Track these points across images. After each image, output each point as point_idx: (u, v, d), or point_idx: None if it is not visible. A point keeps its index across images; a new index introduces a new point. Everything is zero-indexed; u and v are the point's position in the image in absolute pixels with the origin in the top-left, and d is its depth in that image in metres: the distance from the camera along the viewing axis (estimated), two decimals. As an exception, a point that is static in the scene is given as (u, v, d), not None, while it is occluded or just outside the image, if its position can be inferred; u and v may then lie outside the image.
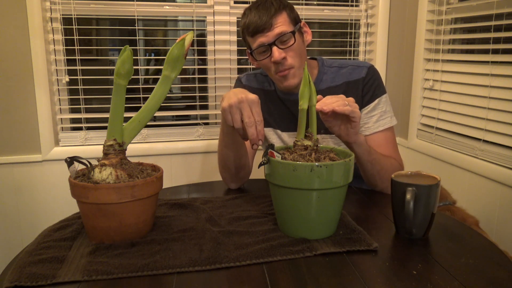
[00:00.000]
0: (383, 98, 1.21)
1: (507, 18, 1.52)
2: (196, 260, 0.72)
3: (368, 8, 2.04)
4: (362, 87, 1.21)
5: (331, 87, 1.23)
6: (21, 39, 1.66)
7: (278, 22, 1.12)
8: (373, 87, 1.21)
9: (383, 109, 1.20)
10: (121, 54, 0.76)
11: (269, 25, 1.12)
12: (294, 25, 1.16)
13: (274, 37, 1.12)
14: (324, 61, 1.28)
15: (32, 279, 0.67)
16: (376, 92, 1.21)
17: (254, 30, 1.13)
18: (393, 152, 1.19)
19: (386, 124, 1.19)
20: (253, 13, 1.14)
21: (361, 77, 1.21)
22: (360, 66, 1.24)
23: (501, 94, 1.53)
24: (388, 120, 1.20)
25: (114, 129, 0.80)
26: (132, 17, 1.80)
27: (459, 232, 0.88)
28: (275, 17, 1.12)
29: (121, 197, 0.76)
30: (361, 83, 1.21)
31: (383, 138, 1.19)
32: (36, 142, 1.74)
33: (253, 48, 1.16)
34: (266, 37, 1.13)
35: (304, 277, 0.69)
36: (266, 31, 1.12)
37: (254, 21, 1.13)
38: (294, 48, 1.14)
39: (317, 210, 0.79)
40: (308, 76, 0.82)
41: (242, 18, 1.18)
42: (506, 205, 1.49)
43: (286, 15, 1.14)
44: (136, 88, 1.84)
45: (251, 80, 1.32)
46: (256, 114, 0.90)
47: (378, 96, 1.21)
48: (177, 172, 1.90)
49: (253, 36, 1.15)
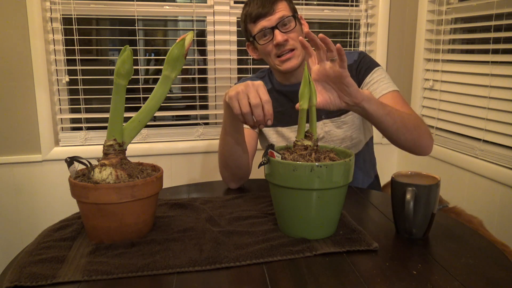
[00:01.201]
0: (378, 69, 1.22)
1: (507, 18, 1.52)
2: (196, 260, 0.72)
3: (368, 8, 2.03)
4: (356, 68, 1.24)
5: None
6: (21, 39, 1.66)
7: (279, 8, 1.19)
8: (365, 65, 1.23)
9: (382, 76, 1.21)
10: (121, 54, 0.76)
11: (271, 10, 1.18)
12: (294, 13, 1.23)
13: (276, 21, 1.18)
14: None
15: (32, 279, 0.67)
16: (370, 66, 1.23)
17: (256, 16, 1.19)
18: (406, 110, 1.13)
19: (389, 87, 1.18)
20: (255, 1, 1.20)
21: (354, 60, 1.25)
22: (352, 52, 1.28)
23: (501, 94, 1.53)
24: (391, 84, 1.19)
25: (114, 129, 0.80)
26: (132, 17, 1.80)
27: (459, 232, 0.88)
28: (276, 3, 1.19)
29: (121, 197, 0.76)
30: (354, 66, 1.24)
31: (390, 99, 1.15)
32: (36, 142, 1.74)
33: (255, 32, 1.21)
34: (268, 21, 1.18)
35: (304, 277, 0.69)
36: (268, 16, 1.18)
37: (256, 8, 1.19)
38: (295, 31, 1.20)
39: (317, 210, 0.79)
40: (308, 76, 0.82)
41: (244, 8, 1.24)
42: (506, 205, 1.49)
43: (286, 3, 1.21)
44: (136, 88, 1.84)
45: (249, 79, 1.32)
46: (262, 94, 0.91)
47: (373, 68, 1.22)
48: (177, 172, 1.90)
49: (255, 22, 1.20)
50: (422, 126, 1.09)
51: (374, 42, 2.04)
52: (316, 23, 2.05)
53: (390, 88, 1.18)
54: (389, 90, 1.18)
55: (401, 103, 1.16)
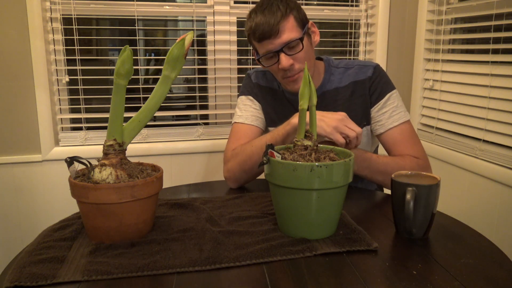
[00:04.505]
0: (393, 93, 1.20)
1: (507, 18, 1.52)
2: (196, 260, 0.72)
3: (368, 8, 2.03)
4: (369, 86, 1.20)
5: (339, 88, 1.22)
6: (21, 39, 1.66)
7: (285, 28, 1.09)
8: (380, 85, 1.20)
9: (394, 104, 1.18)
10: (121, 54, 0.76)
11: (275, 31, 1.09)
12: (302, 28, 1.13)
13: (281, 45, 1.10)
14: (330, 61, 1.27)
15: (32, 279, 0.67)
16: (384, 89, 1.19)
17: (260, 37, 1.10)
18: (411, 148, 1.15)
19: (401, 118, 1.17)
20: (258, 17, 1.10)
21: (368, 77, 1.20)
22: (367, 65, 1.23)
23: (501, 94, 1.53)
24: (402, 114, 1.17)
25: (114, 129, 0.80)
26: (132, 17, 1.80)
27: (459, 232, 0.88)
28: (281, 22, 1.09)
29: (121, 197, 0.76)
30: (367, 82, 1.20)
31: (399, 134, 1.16)
32: (36, 142, 1.74)
33: (260, 54, 1.15)
34: (273, 44, 1.10)
35: (304, 277, 0.69)
36: (273, 38, 1.10)
37: (260, 26, 1.09)
38: (302, 54, 1.12)
39: (317, 210, 0.79)
40: (308, 76, 0.82)
41: (247, 21, 1.14)
42: (506, 205, 1.49)
43: (293, 18, 1.11)
44: (136, 88, 1.84)
45: (260, 78, 1.31)
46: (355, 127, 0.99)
47: (387, 93, 1.19)
48: (177, 172, 1.90)
49: (259, 42, 1.13)
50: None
51: (374, 42, 2.04)
52: (316, 23, 2.04)
53: (401, 120, 1.17)
54: (399, 122, 1.16)
55: (409, 141, 1.16)
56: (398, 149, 1.15)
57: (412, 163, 1.11)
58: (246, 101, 1.29)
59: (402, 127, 1.16)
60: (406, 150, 1.14)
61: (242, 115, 1.27)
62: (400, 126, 1.16)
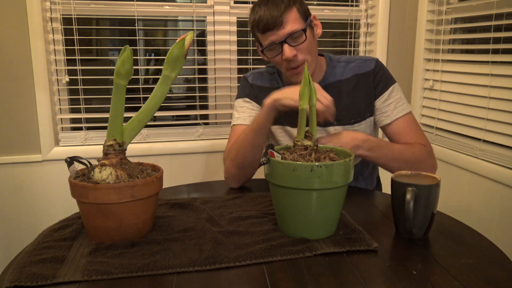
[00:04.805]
0: (395, 86, 1.24)
1: (507, 18, 1.52)
2: (196, 260, 0.72)
3: (368, 8, 2.03)
4: (373, 78, 1.23)
5: (341, 80, 1.24)
6: (21, 39, 1.66)
7: (288, 20, 1.11)
8: (384, 77, 1.23)
9: (398, 96, 1.22)
10: (121, 54, 0.76)
11: (279, 23, 1.11)
12: (305, 20, 1.15)
13: (284, 36, 1.12)
14: (331, 56, 1.30)
15: (32, 279, 0.67)
16: (387, 81, 1.23)
17: (264, 28, 1.13)
18: (417, 137, 1.20)
19: (404, 109, 1.21)
20: (262, 9, 1.12)
21: (371, 69, 1.23)
22: (368, 59, 1.26)
23: (501, 94, 1.53)
24: (405, 105, 1.22)
25: (114, 129, 0.80)
26: (132, 17, 1.80)
27: (459, 232, 0.88)
28: (285, 14, 1.11)
29: (121, 197, 0.76)
30: (371, 74, 1.23)
31: (404, 124, 1.20)
32: (36, 142, 1.74)
33: (264, 46, 1.17)
34: (276, 35, 1.12)
35: (304, 277, 0.69)
36: (277, 29, 1.12)
37: (264, 18, 1.11)
38: (305, 44, 1.14)
39: (317, 210, 0.79)
40: (308, 76, 0.82)
41: (251, 14, 1.17)
42: (506, 205, 1.49)
43: (296, 10, 1.13)
44: (136, 88, 1.84)
45: (258, 79, 1.32)
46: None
47: (391, 85, 1.23)
48: (177, 172, 1.90)
49: (263, 34, 1.14)
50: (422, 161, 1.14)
51: (374, 42, 2.04)
52: (316, 23, 2.05)
53: (405, 111, 1.21)
54: (404, 113, 1.21)
55: (414, 130, 1.21)
56: (405, 138, 1.19)
57: (422, 150, 1.16)
58: (242, 103, 1.30)
59: (406, 118, 1.21)
60: (412, 139, 1.19)
61: (240, 116, 1.28)
62: (405, 116, 1.21)
